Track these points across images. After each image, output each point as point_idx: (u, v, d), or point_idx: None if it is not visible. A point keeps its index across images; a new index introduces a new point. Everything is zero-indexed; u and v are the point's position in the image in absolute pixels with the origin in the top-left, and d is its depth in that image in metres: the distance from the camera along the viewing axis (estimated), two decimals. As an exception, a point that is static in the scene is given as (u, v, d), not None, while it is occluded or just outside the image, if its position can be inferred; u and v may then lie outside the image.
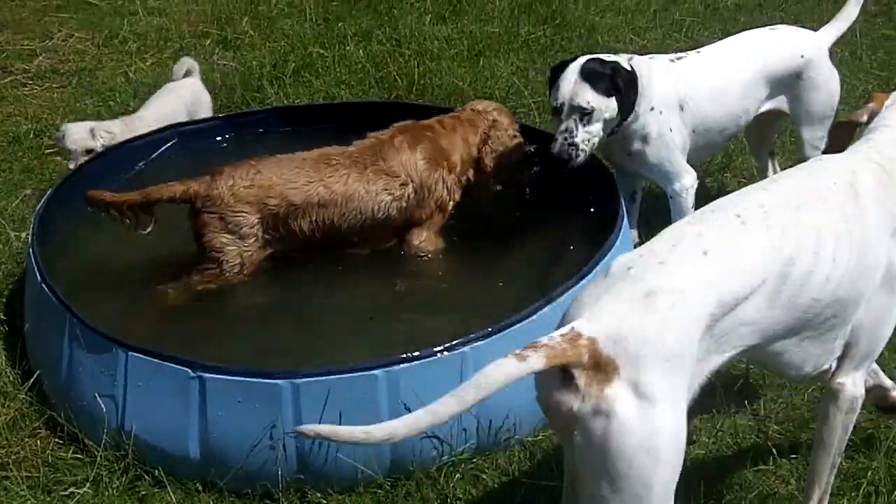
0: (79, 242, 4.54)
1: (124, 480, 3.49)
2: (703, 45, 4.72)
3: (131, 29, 7.33)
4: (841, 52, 5.99)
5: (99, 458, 3.52)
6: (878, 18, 7.40)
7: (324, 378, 3.38)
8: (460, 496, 3.47)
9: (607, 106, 4.22)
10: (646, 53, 4.60)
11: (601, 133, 4.28)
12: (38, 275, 3.89)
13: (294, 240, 4.34)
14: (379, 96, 6.25)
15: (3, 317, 4.35)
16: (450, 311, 4.12)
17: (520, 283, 4.30)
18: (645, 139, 4.40)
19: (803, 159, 4.56)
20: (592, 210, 4.55)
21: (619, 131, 4.37)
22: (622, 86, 4.22)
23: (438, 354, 3.46)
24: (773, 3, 7.65)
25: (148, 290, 4.22)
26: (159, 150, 5.06)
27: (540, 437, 3.71)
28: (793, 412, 3.83)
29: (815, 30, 4.78)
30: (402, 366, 3.43)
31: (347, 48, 6.84)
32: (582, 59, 4.27)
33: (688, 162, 4.51)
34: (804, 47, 4.63)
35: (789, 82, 4.64)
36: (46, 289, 3.82)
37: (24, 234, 4.84)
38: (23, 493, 3.49)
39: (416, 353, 3.45)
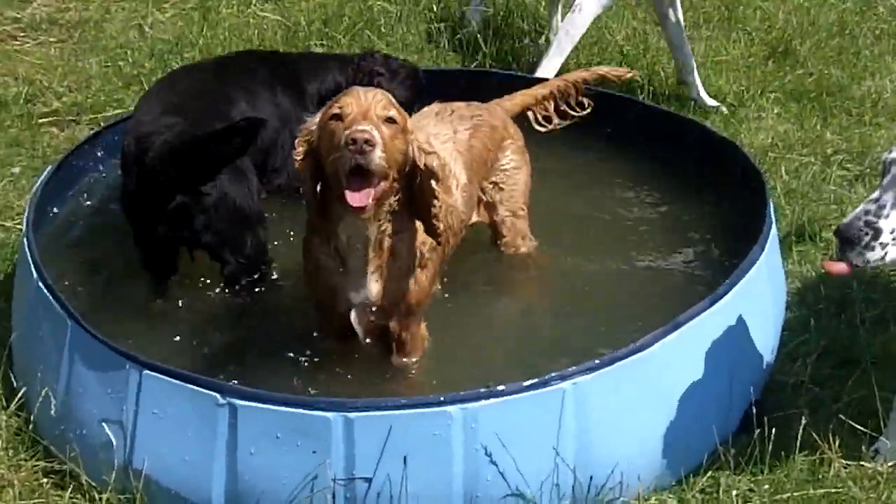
0: (81, 234, 4.67)
1: (131, 532, 3.56)
2: None
3: (148, -29, 7.50)
4: None
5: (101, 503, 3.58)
6: None
7: (385, 413, 3.42)
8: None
9: None
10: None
11: None
12: (33, 272, 3.96)
13: None
14: (457, 63, 6.35)
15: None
16: (544, 336, 4.20)
17: (631, 307, 4.35)
18: None
19: None
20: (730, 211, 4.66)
21: None
22: None
23: (530, 391, 3.50)
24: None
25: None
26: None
27: (653, 501, 3.72)
28: None
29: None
30: (481, 402, 3.45)
31: (419, 2, 6.97)
32: None
33: None
34: None
35: None
36: (45, 289, 3.89)
37: (9, 223, 5.00)
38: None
39: (501, 388, 3.48)
